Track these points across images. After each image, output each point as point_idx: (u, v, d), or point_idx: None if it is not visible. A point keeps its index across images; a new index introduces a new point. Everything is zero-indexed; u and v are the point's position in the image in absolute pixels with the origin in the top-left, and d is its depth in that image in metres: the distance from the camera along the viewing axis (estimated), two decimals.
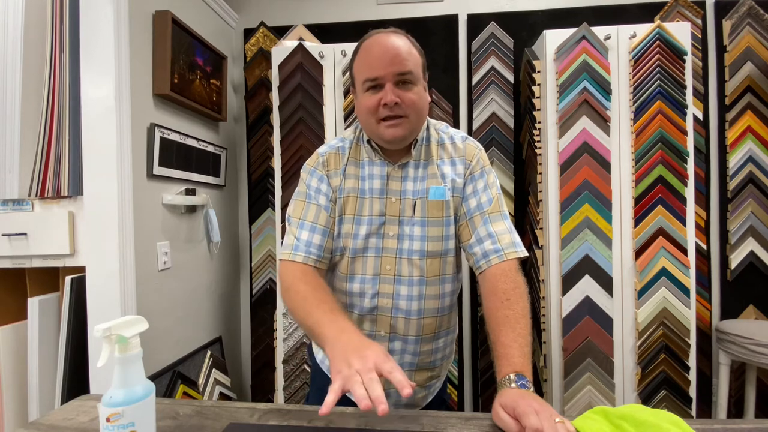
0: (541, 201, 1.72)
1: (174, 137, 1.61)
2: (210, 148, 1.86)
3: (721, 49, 1.87)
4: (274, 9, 2.08)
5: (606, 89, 1.61)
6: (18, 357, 1.36)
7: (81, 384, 1.33)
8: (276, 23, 2.05)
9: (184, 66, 1.62)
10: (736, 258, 1.85)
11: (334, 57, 1.80)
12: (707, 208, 1.88)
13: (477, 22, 1.96)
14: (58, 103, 1.34)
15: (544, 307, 1.68)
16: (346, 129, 0.97)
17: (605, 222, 1.61)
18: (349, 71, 0.87)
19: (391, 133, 0.81)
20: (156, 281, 1.51)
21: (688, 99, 1.62)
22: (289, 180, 1.78)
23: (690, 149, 1.62)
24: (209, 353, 1.80)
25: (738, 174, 1.84)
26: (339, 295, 0.90)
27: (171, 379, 1.53)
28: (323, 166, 0.89)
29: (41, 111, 1.35)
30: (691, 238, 1.61)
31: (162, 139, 1.53)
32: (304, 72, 1.77)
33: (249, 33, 2.08)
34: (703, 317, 1.86)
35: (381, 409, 0.51)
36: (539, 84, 1.72)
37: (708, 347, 1.86)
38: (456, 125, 1.98)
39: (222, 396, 1.80)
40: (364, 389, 0.53)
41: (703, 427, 0.63)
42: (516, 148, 1.93)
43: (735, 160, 1.85)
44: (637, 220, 1.62)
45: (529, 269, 1.84)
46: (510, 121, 1.93)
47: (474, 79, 1.95)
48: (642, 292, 1.60)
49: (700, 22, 1.86)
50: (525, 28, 1.94)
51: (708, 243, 1.88)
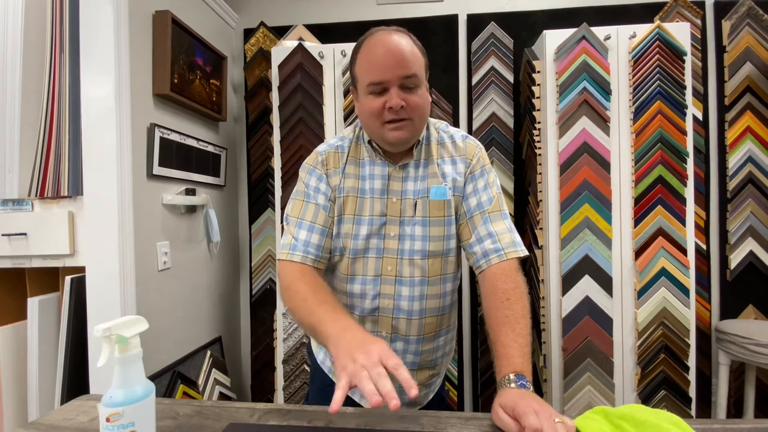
0: (541, 201, 1.72)
1: (174, 137, 1.61)
2: (210, 148, 1.86)
3: (721, 50, 1.87)
4: (274, 9, 2.08)
5: (606, 89, 1.61)
6: (18, 357, 1.35)
7: (81, 384, 1.32)
8: (276, 23, 2.05)
9: (184, 66, 1.62)
10: (735, 258, 1.85)
11: (334, 57, 1.80)
12: (707, 208, 1.88)
13: (477, 22, 1.96)
14: (58, 103, 1.34)
15: (543, 307, 1.68)
16: (345, 128, 0.96)
17: (605, 222, 1.61)
18: (350, 70, 0.86)
19: (396, 136, 0.80)
20: (156, 281, 1.51)
21: (687, 99, 1.62)
22: (289, 180, 1.78)
23: (690, 149, 1.62)
24: (209, 353, 1.80)
25: (737, 174, 1.84)
26: (339, 296, 0.89)
27: (171, 379, 1.53)
28: (322, 165, 0.88)
29: (41, 111, 1.35)
30: (691, 238, 1.61)
31: (162, 139, 1.53)
32: (304, 72, 1.77)
33: (249, 33, 2.08)
34: (703, 317, 1.86)
35: (393, 405, 0.50)
36: (539, 84, 1.72)
37: (707, 347, 1.86)
38: (456, 125, 1.98)
39: (222, 396, 1.80)
40: (372, 385, 0.52)
41: (703, 427, 0.63)
42: (516, 148, 1.93)
43: (734, 160, 1.85)
44: (637, 220, 1.62)
45: (529, 269, 1.84)
46: (510, 121, 1.93)
47: (474, 79, 1.95)
48: (642, 292, 1.61)
49: (699, 22, 1.87)
50: (525, 28, 1.94)
51: (707, 243, 1.88)
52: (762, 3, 1.83)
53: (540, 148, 1.72)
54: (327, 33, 2.01)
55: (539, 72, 1.72)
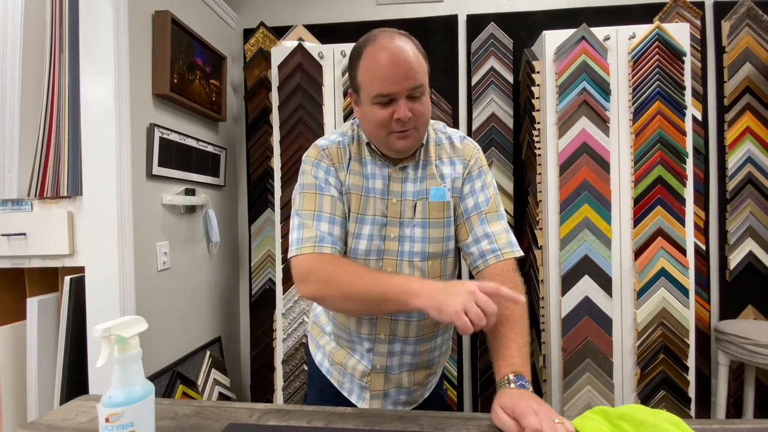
0: (541, 201, 1.72)
1: (173, 137, 1.61)
2: (209, 148, 1.86)
3: (720, 50, 1.87)
4: (273, 9, 2.08)
5: (605, 90, 1.61)
6: (17, 357, 1.35)
7: (80, 384, 1.32)
8: (275, 23, 2.05)
9: (183, 66, 1.62)
10: (735, 258, 1.85)
11: (333, 57, 1.80)
12: (706, 208, 1.88)
13: (477, 22, 1.96)
14: (57, 103, 1.34)
15: (543, 308, 1.68)
16: (343, 125, 0.94)
17: (604, 222, 1.61)
18: (350, 74, 0.84)
19: (403, 145, 0.80)
20: (155, 281, 1.51)
21: (687, 99, 1.62)
22: (289, 180, 1.78)
23: (689, 150, 1.62)
24: (208, 353, 1.80)
25: (737, 174, 1.85)
26: None
27: (170, 380, 1.52)
28: (327, 158, 0.86)
29: (41, 111, 1.35)
30: (690, 238, 1.61)
31: (161, 139, 1.53)
32: (303, 72, 1.77)
33: (248, 33, 2.08)
34: (702, 317, 1.86)
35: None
36: (539, 84, 1.72)
37: (707, 347, 1.86)
38: (455, 126, 1.98)
39: (221, 396, 1.80)
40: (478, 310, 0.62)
41: (702, 427, 0.63)
42: (515, 148, 1.93)
43: (734, 160, 1.85)
44: (637, 220, 1.62)
45: (529, 269, 1.84)
46: (509, 122, 1.93)
47: (473, 80, 1.95)
48: (641, 292, 1.61)
49: (699, 22, 1.87)
50: (524, 28, 1.94)
51: (707, 243, 1.88)
52: (761, 3, 1.83)
53: (539, 148, 1.72)
54: (327, 33, 2.01)
55: (539, 72, 1.72)
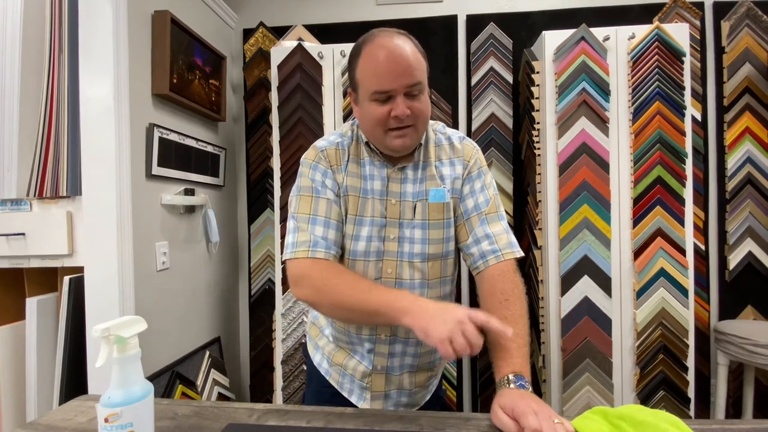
0: (540, 201, 1.72)
1: (173, 137, 1.60)
2: (209, 148, 1.86)
3: (720, 50, 1.87)
4: (273, 9, 2.08)
5: (605, 90, 1.61)
6: (16, 357, 1.35)
7: (79, 384, 1.32)
8: (275, 23, 2.05)
9: (183, 66, 1.62)
10: (734, 259, 1.85)
11: (333, 57, 1.80)
12: (706, 208, 1.88)
13: (476, 22, 1.96)
14: (56, 103, 1.34)
15: (542, 308, 1.68)
16: (342, 126, 0.94)
17: (604, 222, 1.61)
18: (350, 73, 0.84)
19: (401, 144, 0.80)
20: (155, 281, 1.51)
21: (686, 100, 1.62)
22: (288, 180, 1.78)
23: (688, 150, 1.62)
24: (208, 353, 1.80)
25: (736, 175, 1.85)
26: None
27: (169, 380, 1.52)
28: (325, 160, 0.85)
29: (40, 111, 1.35)
30: (690, 238, 1.61)
31: (161, 139, 1.53)
32: (303, 72, 1.77)
33: (248, 33, 2.07)
34: (702, 318, 1.86)
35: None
36: (538, 85, 1.72)
37: (706, 348, 1.86)
38: (455, 126, 1.98)
39: (220, 396, 1.80)
40: (463, 339, 0.62)
41: (702, 428, 0.63)
42: (515, 148, 1.93)
43: (733, 161, 1.85)
44: (636, 220, 1.62)
45: (528, 270, 1.84)
46: (509, 122, 1.93)
47: (473, 80, 1.95)
48: (641, 292, 1.61)
49: (698, 23, 1.87)
50: (524, 28, 1.94)
51: (706, 244, 1.88)
52: (761, 3, 1.83)
53: (539, 148, 1.72)
54: (326, 33, 2.00)
55: (538, 73, 1.72)
